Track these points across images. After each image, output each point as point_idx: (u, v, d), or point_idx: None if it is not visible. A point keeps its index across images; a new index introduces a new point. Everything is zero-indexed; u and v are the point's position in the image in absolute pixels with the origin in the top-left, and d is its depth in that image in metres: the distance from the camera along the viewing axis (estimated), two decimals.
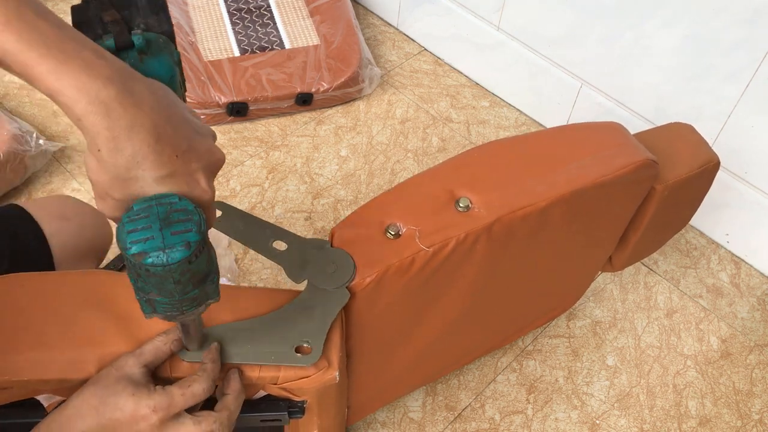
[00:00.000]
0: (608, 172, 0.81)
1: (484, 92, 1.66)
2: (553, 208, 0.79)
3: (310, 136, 1.52)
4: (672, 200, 0.94)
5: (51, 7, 1.71)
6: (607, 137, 0.86)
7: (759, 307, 1.33)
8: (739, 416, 1.19)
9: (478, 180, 0.78)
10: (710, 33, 1.20)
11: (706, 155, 0.94)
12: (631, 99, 1.39)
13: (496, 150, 0.83)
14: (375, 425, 1.13)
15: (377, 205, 0.76)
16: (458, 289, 0.84)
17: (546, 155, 0.83)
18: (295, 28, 1.62)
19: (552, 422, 1.16)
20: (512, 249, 0.83)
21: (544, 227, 0.82)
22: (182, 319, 0.56)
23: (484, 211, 0.75)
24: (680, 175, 0.90)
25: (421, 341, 0.90)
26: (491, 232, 0.76)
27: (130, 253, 0.48)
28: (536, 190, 0.78)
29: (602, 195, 0.84)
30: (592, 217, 0.89)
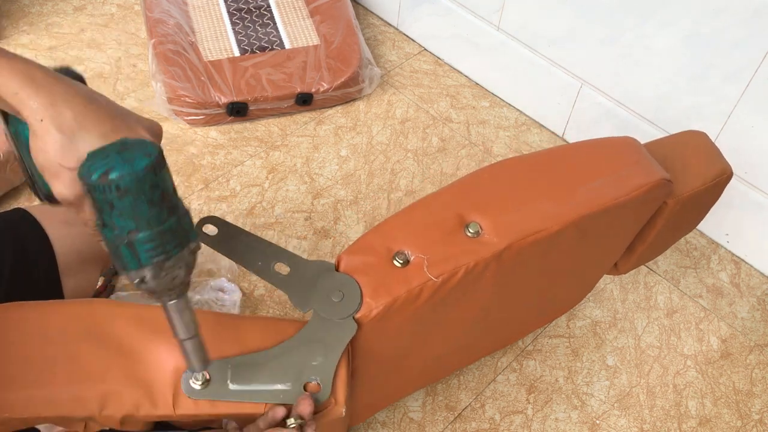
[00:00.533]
0: (622, 194, 0.79)
1: (484, 92, 1.66)
2: (564, 231, 0.77)
3: (310, 136, 1.52)
4: (682, 211, 0.92)
5: (51, 7, 1.71)
6: (620, 155, 0.83)
7: (759, 307, 1.33)
8: (739, 416, 1.19)
9: (488, 203, 0.76)
10: (710, 33, 1.20)
11: (719, 167, 0.91)
12: (631, 99, 1.39)
13: (507, 170, 0.81)
14: (375, 425, 1.13)
15: (385, 230, 0.74)
16: (465, 312, 0.82)
17: (558, 176, 0.80)
18: (295, 28, 1.62)
19: (552, 422, 1.16)
20: (521, 272, 0.82)
21: (554, 249, 0.81)
22: (172, 274, 0.53)
23: (494, 237, 0.73)
24: (692, 188, 0.88)
25: (425, 357, 0.90)
26: (501, 258, 0.74)
27: (94, 178, 0.48)
28: (548, 214, 0.76)
29: (614, 216, 0.82)
30: (602, 236, 0.87)
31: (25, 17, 1.69)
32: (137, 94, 1.55)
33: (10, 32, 1.65)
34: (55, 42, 1.63)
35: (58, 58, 1.60)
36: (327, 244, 1.33)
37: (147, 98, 1.54)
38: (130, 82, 1.57)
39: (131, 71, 1.59)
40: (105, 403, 0.61)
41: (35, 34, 1.65)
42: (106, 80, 1.57)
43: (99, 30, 1.68)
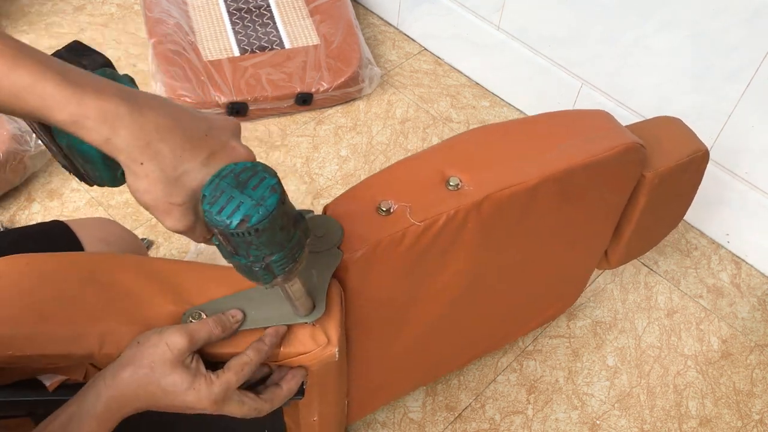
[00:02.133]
0: (596, 152, 0.83)
1: (484, 92, 1.66)
2: (542, 186, 0.81)
3: (310, 136, 1.52)
4: (663, 190, 0.96)
5: (51, 7, 1.71)
6: (595, 122, 0.88)
7: (759, 307, 1.33)
8: (740, 416, 1.19)
9: (468, 160, 0.80)
10: (710, 33, 1.20)
11: (694, 145, 0.96)
12: (631, 99, 1.39)
13: (487, 133, 0.85)
14: (375, 425, 1.13)
15: (369, 184, 0.78)
16: (452, 269, 0.85)
17: (535, 137, 0.85)
18: (295, 28, 1.62)
19: (552, 422, 1.16)
20: (503, 229, 0.85)
21: (534, 207, 0.84)
22: (297, 270, 0.57)
23: (474, 188, 0.77)
24: (669, 162, 0.92)
25: (418, 326, 0.91)
26: (481, 209, 0.78)
27: (234, 227, 0.49)
28: (525, 169, 0.80)
29: (591, 176, 0.85)
30: (582, 201, 0.90)
31: (25, 17, 1.69)
32: None
33: (10, 32, 1.65)
34: (55, 42, 1.63)
35: None
36: None
37: None
38: None
39: (131, 71, 1.59)
40: (104, 341, 0.63)
41: (35, 34, 1.65)
42: None
43: (99, 30, 1.68)
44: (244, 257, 0.52)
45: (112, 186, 0.57)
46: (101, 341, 0.63)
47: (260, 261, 0.53)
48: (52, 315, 0.63)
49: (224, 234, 0.50)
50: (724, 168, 1.32)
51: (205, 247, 1.28)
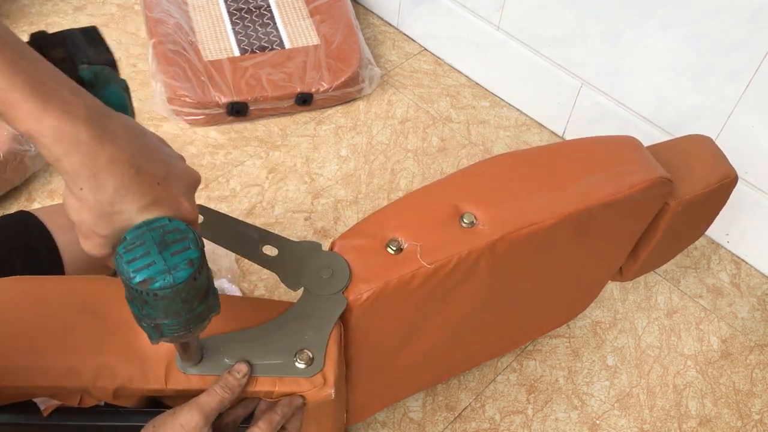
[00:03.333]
0: (620, 190, 0.78)
1: (484, 92, 1.66)
2: (560, 226, 0.77)
3: (310, 136, 1.52)
4: (686, 216, 0.91)
5: (51, 7, 1.71)
6: (620, 152, 0.83)
7: (759, 307, 1.33)
8: (740, 416, 1.19)
9: (484, 195, 0.76)
10: (710, 33, 1.20)
11: (723, 170, 0.90)
12: (631, 99, 1.39)
13: (505, 163, 0.81)
14: (375, 425, 1.13)
15: (380, 217, 0.75)
16: (460, 304, 0.82)
17: (556, 170, 0.80)
18: (295, 28, 1.62)
19: (552, 422, 1.16)
20: (517, 266, 0.81)
21: (550, 245, 0.80)
22: (189, 338, 0.55)
23: (488, 227, 0.73)
24: (695, 191, 0.87)
25: (420, 350, 0.89)
26: (495, 249, 0.74)
27: (135, 282, 0.48)
28: (544, 207, 0.76)
29: (613, 213, 0.81)
30: (601, 235, 0.87)
31: (25, 17, 1.69)
32: (137, 94, 1.55)
33: None
34: None
35: None
36: (327, 244, 1.33)
37: (147, 98, 1.54)
38: (130, 82, 1.56)
39: (131, 71, 1.59)
40: (99, 375, 0.62)
41: None
42: None
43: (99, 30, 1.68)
44: (138, 309, 0.51)
45: None
46: (96, 375, 0.62)
47: (151, 319, 0.51)
48: (46, 348, 0.62)
49: (125, 284, 0.49)
50: None
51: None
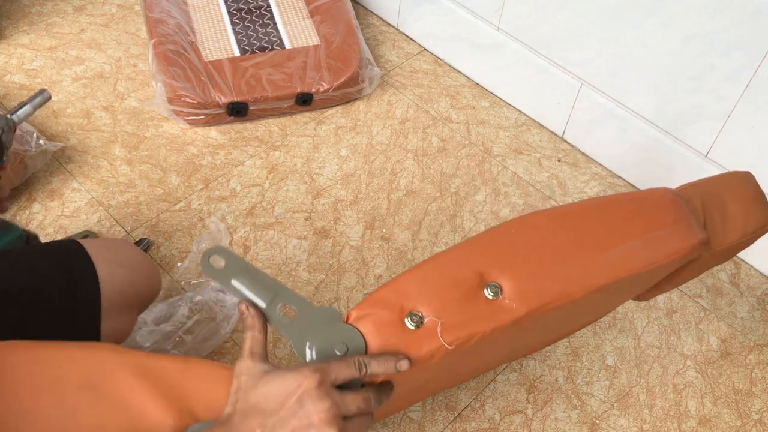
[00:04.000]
0: (656, 260, 0.74)
1: (484, 92, 1.66)
2: (589, 296, 0.73)
3: (310, 136, 1.53)
4: (714, 260, 0.87)
5: (51, 7, 1.71)
6: (658, 213, 0.78)
7: (759, 306, 1.33)
8: (739, 416, 1.19)
9: (511, 262, 0.71)
10: (710, 33, 1.20)
11: (762, 217, 0.85)
12: (631, 99, 1.39)
13: (534, 225, 0.76)
14: (375, 425, 1.13)
15: (400, 286, 0.70)
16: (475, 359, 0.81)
17: (588, 234, 0.75)
18: (295, 28, 1.62)
19: (552, 422, 1.16)
20: (539, 327, 0.79)
21: (576, 310, 0.78)
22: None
23: (515, 303, 0.69)
24: (730, 242, 0.82)
25: (428, 385, 0.88)
26: (520, 323, 0.71)
27: None
28: (574, 278, 0.71)
29: (646, 277, 0.78)
30: (628, 290, 0.84)
31: (25, 17, 1.69)
32: (137, 94, 1.55)
33: (10, 32, 1.65)
34: (55, 42, 1.63)
35: (58, 58, 1.60)
36: (327, 244, 1.34)
37: (147, 98, 1.54)
38: (130, 82, 1.57)
39: (131, 71, 1.60)
40: None
41: (35, 34, 1.65)
42: (106, 80, 1.57)
43: (99, 30, 1.68)
44: None
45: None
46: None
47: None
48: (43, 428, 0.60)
49: None
50: (724, 168, 1.32)
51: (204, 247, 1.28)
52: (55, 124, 1.47)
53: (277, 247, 1.32)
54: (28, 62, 1.58)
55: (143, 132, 1.47)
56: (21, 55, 1.60)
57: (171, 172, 1.41)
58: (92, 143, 1.43)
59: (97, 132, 1.46)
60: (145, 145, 1.45)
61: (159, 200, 1.37)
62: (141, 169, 1.41)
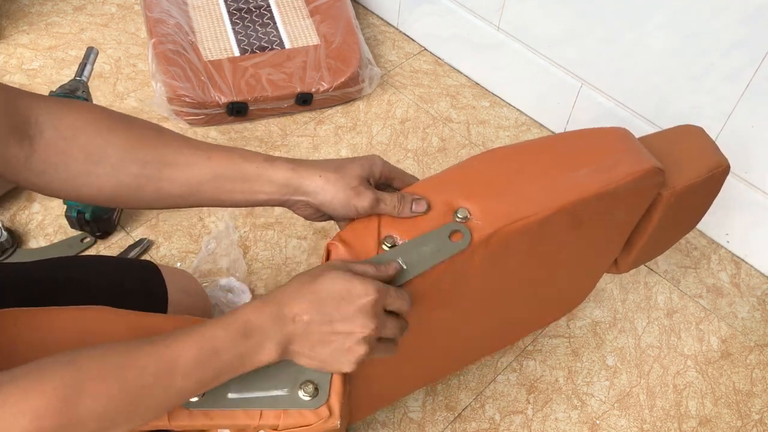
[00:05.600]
0: (612, 180, 0.79)
1: (484, 92, 1.66)
2: (554, 218, 0.77)
3: (310, 136, 1.52)
4: (679, 206, 0.91)
5: (51, 7, 1.71)
6: (611, 143, 0.84)
7: (759, 307, 1.33)
8: (739, 416, 1.19)
9: (477, 190, 0.77)
10: (710, 33, 1.20)
11: (715, 159, 0.91)
12: (631, 99, 1.39)
13: (497, 158, 0.81)
14: (375, 425, 1.13)
15: (374, 216, 0.75)
16: (455, 302, 0.83)
17: (548, 162, 0.81)
18: (295, 28, 1.62)
19: (552, 422, 1.16)
20: (511, 260, 0.82)
21: (544, 237, 0.81)
22: None
23: (482, 222, 0.74)
24: (688, 180, 0.87)
25: (420, 344, 0.90)
26: (489, 243, 0.75)
27: None
28: (537, 199, 0.76)
29: (605, 204, 0.82)
30: (595, 226, 0.87)
31: (25, 17, 1.69)
32: (137, 94, 1.55)
33: (10, 32, 1.65)
34: (55, 42, 1.63)
35: (58, 58, 1.60)
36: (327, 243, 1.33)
37: (147, 98, 1.54)
38: (130, 82, 1.57)
39: (131, 71, 1.59)
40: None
41: (35, 34, 1.65)
42: (106, 80, 1.57)
43: (99, 30, 1.68)
44: None
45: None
46: None
47: None
48: None
49: None
50: None
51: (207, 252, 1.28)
52: None
53: (277, 247, 1.32)
54: (28, 62, 1.58)
55: None
56: (21, 54, 1.60)
57: None
58: None
59: None
60: None
61: None
62: None
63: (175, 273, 0.97)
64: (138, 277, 0.89)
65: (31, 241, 1.28)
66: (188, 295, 0.95)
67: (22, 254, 1.25)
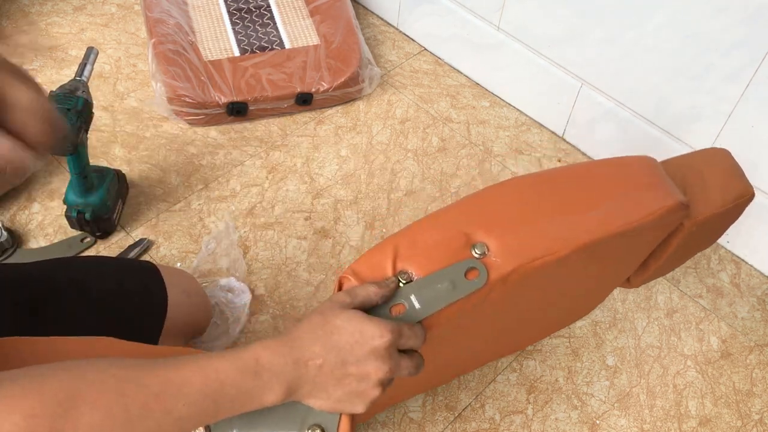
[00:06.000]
0: (635, 218, 0.76)
1: (484, 92, 1.66)
2: (573, 256, 0.75)
3: (310, 136, 1.52)
4: (699, 233, 0.89)
5: (51, 7, 1.71)
6: (636, 176, 0.81)
7: (759, 307, 1.33)
8: (739, 416, 1.19)
9: (497, 223, 0.74)
10: (710, 33, 1.20)
11: (740, 188, 0.88)
12: (631, 99, 1.39)
13: (518, 188, 0.79)
14: (375, 425, 1.13)
15: (390, 247, 0.72)
16: (467, 331, 0.81)
17: (569, 196, 0.78)
18: (295, 28, 1.62)
19: (552, 422, 1.16)
20: (528, 293, 0.80)
21: (563, 271, 0.79)
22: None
23: (500, 260, 0.71)
24: (711, 211, 0.85)
25: (427, 369, 0.89)
26: (507, 281, 0.73)
27: None
28: (557, 236, 0.74)
29: (626, 240, 0.80)
30: (613, 257, 0.85)
31: (25, 17, 1.69)
32: (137, 94, 1.55)
33: (10, 32, 1.65)
34: (55, 42, 1.63)
35: (58, 58, 1.60)
36: (327, 244, 1.33)
37: (147, 98, 1.54)
38: (130, 82, 1.57)
39: (131, 71, 1.59)
40: None
41: (35, 34, 1.65)
42: (106, 80, 1.57)
43: (99, 30, 1.68)
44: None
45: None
46: None
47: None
48: None
49: None
50: None
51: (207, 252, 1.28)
52: None
53: (277, 247, 1.32)
54: (28, 62, 1.58)
55: (143, 132, 1.47)
56: (21, 55, 1.60)
57: (171, 172, 1.41)
58: (92, 143, 1.43)
59: (97, 132, 1.46)
60: (144, 145, 1.45)
61: (159, 200, 1.37)
62: (141, 169, 1.41)
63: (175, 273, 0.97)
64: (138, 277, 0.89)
65: (31, 241, 1.28)
66: (188, 296, 0.95)
67: (22, 254, 1.25)
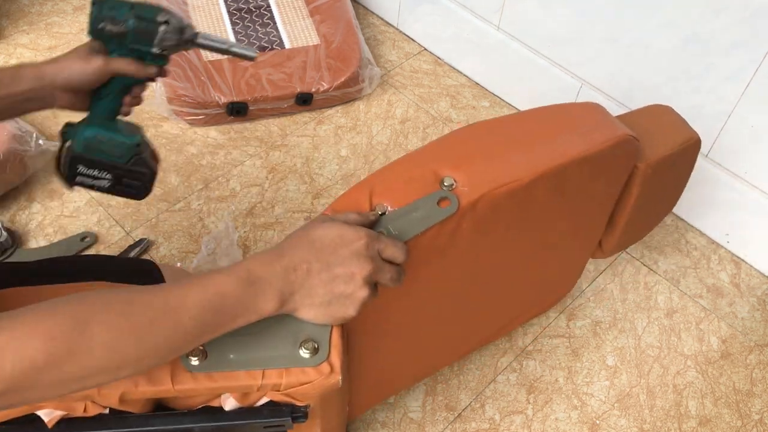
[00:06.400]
0: (590, 147, 0.83)
1: (484, 92, 1.66)
2: (537, 183, 0.81)
3: (310, 136, 1.52)
4: (656, 179, 0.96)
5: (51, 7, 1.71)
6: (587, 115, 0.89)
7: (759, 307, 1.33)
8: (739, 416, 1.19)
9: (462, 159, 0.80)
10: (710, 33, 1.20)
11: (686, 133, 0.96)
12: (631, 99, 1.39)
13: (479, 129, 0.86)
14: (375, 425, 1.13)
15: (366, 186, 0.78)
16: (446, 269, 0.85)
17: (528, 133, 0.85)
18: (295, 28, 1.62)
19: (552, 422, 1.16)
20: (498, 228, 0.85)
21: (529, 204, 0.84)
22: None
23: (468, 188, 0.77)
24: (662, 153, 0.93)
25: (412, 319, 0.91)
26: (476, 209, 0.78)
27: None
28: (520, 166, 0.80)
29: (586, 171, 0.86)
30: (577, 195, 0.91)
31: (25, 17, 1.69)
32: None
33: (10, 32, 1.65)
34: (55, 42, 1.63)
35: None
36: None
37: (147, 98, 1.53)
38: None
39: None
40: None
41: (35, 34, 1.65)
42: None
43: None
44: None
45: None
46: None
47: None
48: None
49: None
50: (724, 168, 1.32)
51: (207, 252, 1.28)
52: (55, 124, 1.46)
53: None
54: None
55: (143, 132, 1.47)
56: (21, 55, 1.60)
57: (171, 172, 1.41)
58: None
59: None
60: None
61: (158, 200, 1.37)
62: None
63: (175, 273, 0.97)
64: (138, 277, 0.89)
65: (31, 241, 1.28)
66: None
67: (21, 254, 1.25)
